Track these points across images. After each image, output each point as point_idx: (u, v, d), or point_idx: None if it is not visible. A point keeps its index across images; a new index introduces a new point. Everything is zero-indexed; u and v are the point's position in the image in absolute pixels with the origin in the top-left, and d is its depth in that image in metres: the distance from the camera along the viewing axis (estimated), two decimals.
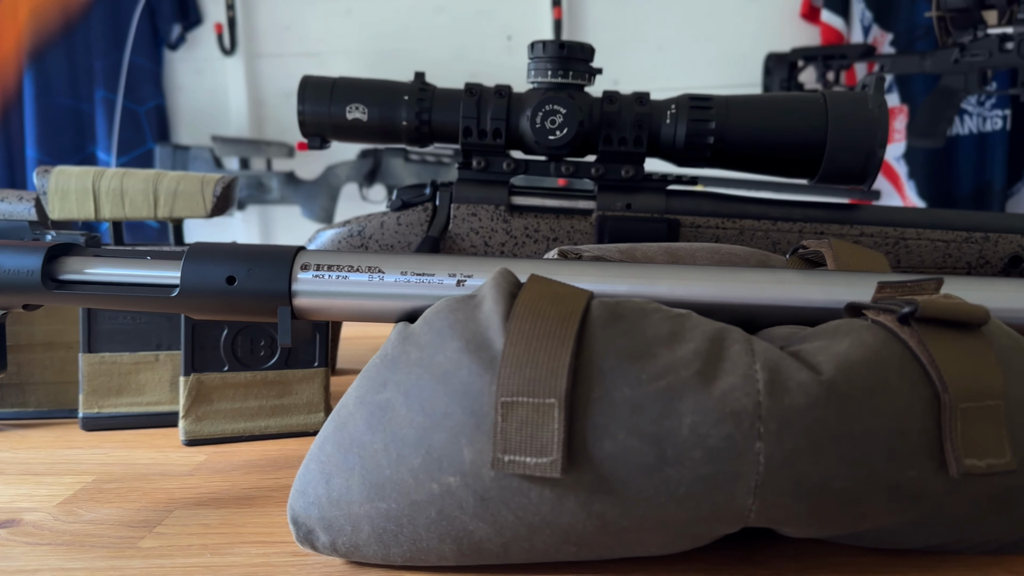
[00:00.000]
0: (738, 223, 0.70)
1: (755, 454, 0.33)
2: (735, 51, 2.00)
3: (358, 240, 0.72)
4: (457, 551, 0.36)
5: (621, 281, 0.43)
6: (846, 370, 0.34)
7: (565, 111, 0.66)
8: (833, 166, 0.67)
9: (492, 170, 0.71)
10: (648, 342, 0.35)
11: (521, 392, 0.34)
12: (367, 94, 0.71)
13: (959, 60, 1.57)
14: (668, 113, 0.69)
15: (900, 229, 0.70)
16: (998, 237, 0.69)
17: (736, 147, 0.68)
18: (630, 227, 0.70)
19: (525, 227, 0.71)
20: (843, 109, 0.67)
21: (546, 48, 0.68)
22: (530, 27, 2.02)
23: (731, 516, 0.34)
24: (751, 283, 0.43)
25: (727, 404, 0.33)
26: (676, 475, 0.33)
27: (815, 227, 0.70)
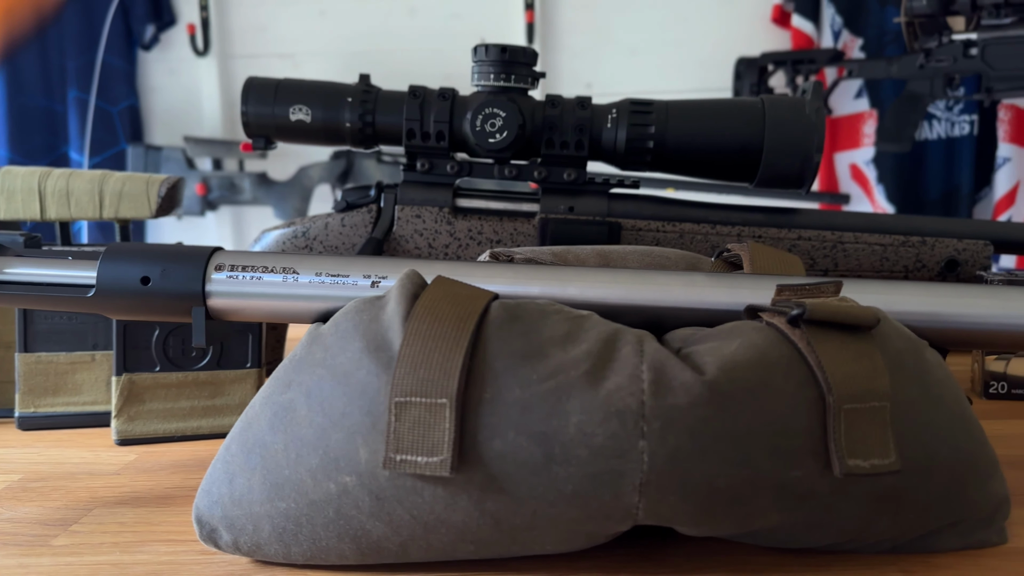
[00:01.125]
0: (678, 226, 0.71)
1: (639, 453, 0.33)
2: (707, 55, 2.01)
3: (303, 241, 0.73)
4: (356, 550, 0.37)
5: (533, 283, 0.43)
6: (729, 370, 0.34)
7: (505, 114, 0.67)
8: (771, 170, 0.68)
9: (436, 172, 0.71)
10: (543, 343, 0.36)
11: (414, 392, 0.34)
12: (310, 96, 0.71)
13: (924, 65, 1.58)
14: (609, 117, 0.69)
15: (838, 233, 0.70)
16: (935, 241, 0.70)
17: (675, 151, 0.69)
18: (572, 230, 0.70)
19: (469, 229, 0.71)
20: (780, 114, 0.67)
21: (488, 52, 0.69)
22: (504, 30, 2.03)
23: (620, 513, 0.34)
24: (659, 286, 0.43)
25: (612, 404, 0.34)
26: (564, 473, 0.34)
27: (754, 230, 0.71)
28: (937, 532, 0.38)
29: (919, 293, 0.43)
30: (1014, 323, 0.42)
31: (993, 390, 0.63)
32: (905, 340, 0.38)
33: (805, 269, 0.71)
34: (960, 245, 0.69)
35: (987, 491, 0.39)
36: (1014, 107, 1.79)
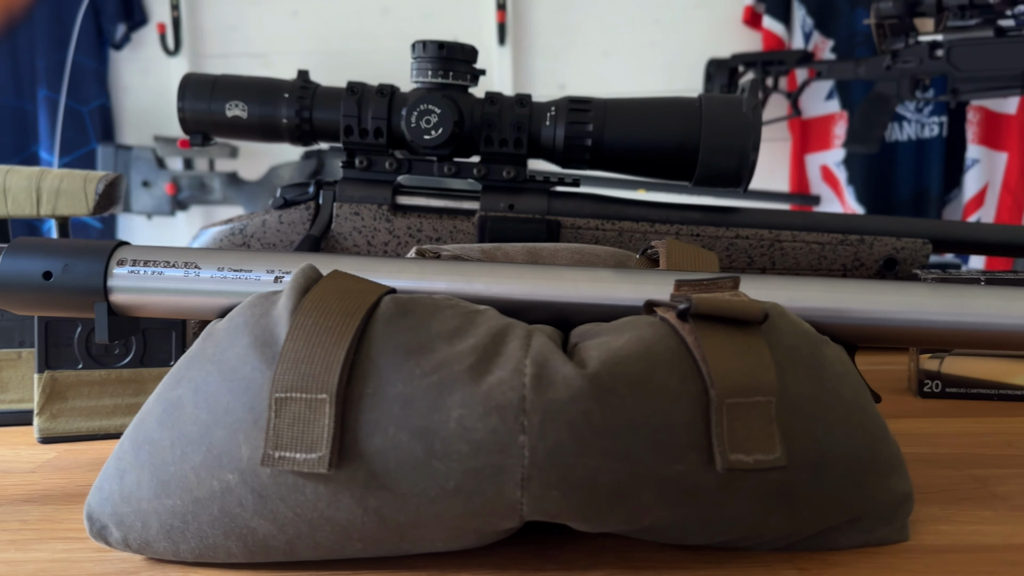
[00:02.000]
0: (617, 225, 0.71)
1: (520, 447, 0.33)
2: (679, 56, 2.01)
3: (240, 239, 0.72)
4: (244, 548, 0.36)
5: (440, 279, 0.43)
6: (612, 365, 0.34)
7: (439, 111, 0.66)
8: (708, 169, 0.67)
9: (375, 169, 0.71)
10: (430, 337, 0.35)
11: (294, 388, 0.34)
12: (247, 92, 0.70)
13: (891, 67, 1.58)
14: (548, 115, 0.69)
15: (775, 232, 0.70)
16: (873, 240, 0.69)
17: (613, 150, 0.69)
18: (511, 228, 0.70)
19: (408, 227, 0.71)
20: (717, 112, 0.67)
21: (426, 48, 0.68)
22: (476, 30, 2.03)
23: (504, 509, 0.34)
24: (566, 282, 0.43)
25: (493, 398, 0.33)
26: (444, 469, 0.33)
27: (692, 229, 0.70)
28: (835, 529, 0.38)
29: (823, 289, 0.42)
30: (919, 319, 0.42)
31: (928, 389, 0.63)
32: (801, 336, 0.38)
33: (744, 267, 0.71)
34: (899, 244, 0.69)
35: (887, 488, 0.39)
36: (983, 109, 1.80)
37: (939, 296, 0.42)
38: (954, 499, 0.44)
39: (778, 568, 0.37)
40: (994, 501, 0.44)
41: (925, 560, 0.37)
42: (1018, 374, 0.61)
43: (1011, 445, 0.52)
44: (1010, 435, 0.54)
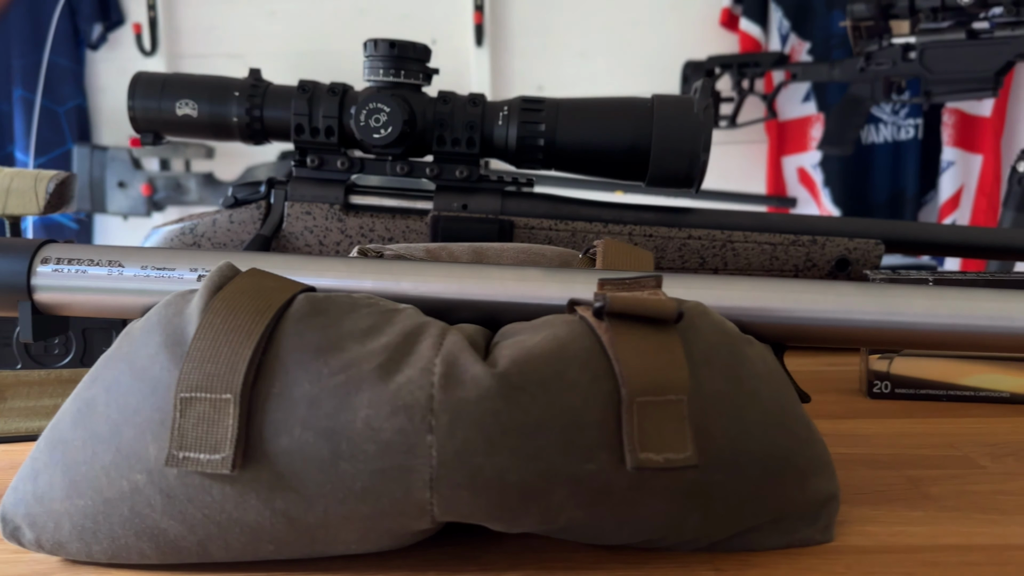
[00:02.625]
0: (570, 225, 0.70)
1: (427, 447, 0.33)
2: (657, 58, 2.01)
3: (190, 238, 0.72)
4: (156, 549, 0.36)
5: (367, 277, 0.43)
6: (523, 363, 0.34)
7: (389, 110, 0.66)
8: (659, 169, 0.67)
9: (327, 168, 0.70)
10: (341, 336, 0.35)
11: (200, 388, 0.33)
12: (197, 90, 0.70)
13: (865, 69, 1.59)
14: (501, 115, 0.69)
15: (728, 232, 0.70)
16: (825, 240, 0.69)
17: (566, 149, 0.68)
18: (463, 227, 0.69)
19: (360, 226, 0.70)
20: (668, 113, 0.67)
21: (377, 47, 0.68)
22: (454, 31, 2.02)
23: (414, 510, 0.34)
24: (494, 280, 0.43)
25: (400, 397, 0.33)
26: (351, 469, 0.33)
27: (645, 229, 0.70)
28: (757, 530, 0.38)
29: (748, 289, 0.42)
30: (845, 318, 0.42)
31: (877, 389, 0.63)
32: (721, 334, 0.38)
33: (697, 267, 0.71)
34: (851, 244, 0.69)
35: (809, 488, 0.38)
36: (958, 111, 1.81)
37: (866, 296, 0.42)
38: (885, 500, 0.44)
39: (696, 568, 0.37)
40: (925, 502, 0.44)
41: (846, 561, 0.37)
42: (968, 375, 0.61)
43: (952, 446, 0.52)
44: (952, 436, 0.54)
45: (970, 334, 0.41)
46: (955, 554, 0.38)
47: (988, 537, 0.39)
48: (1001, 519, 0.41)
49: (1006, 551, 0.38)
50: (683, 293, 0.42)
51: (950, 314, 0.41)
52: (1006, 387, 0.61)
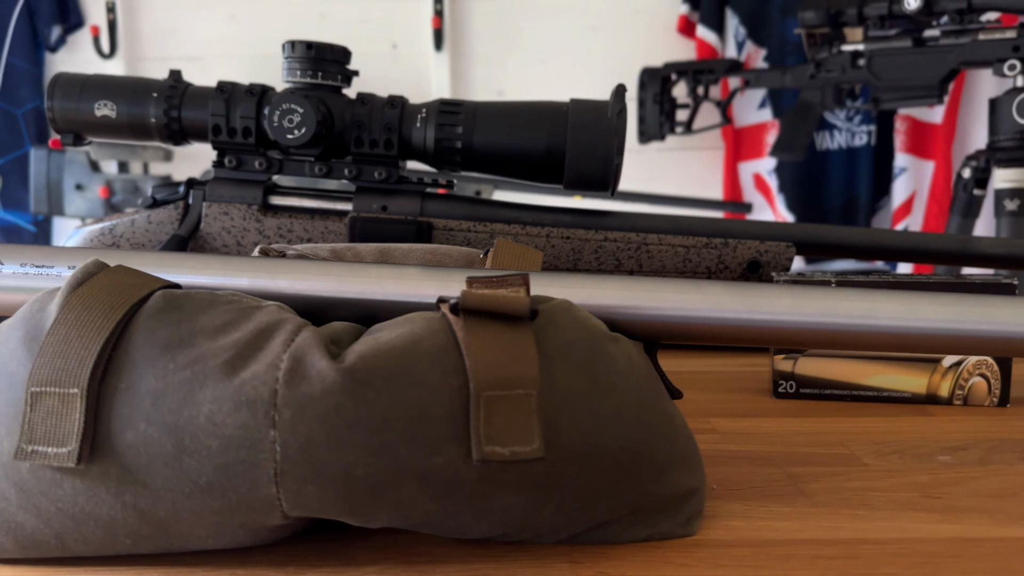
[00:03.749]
0: (489, 227, 0.71)
1: (271, 442, 0.33)
2: (616, 64, 2.02)
3: (109, 238, 0.72)
4: (15, 543, 0.36)
5: (243, 275, 0.43)
6: (371, 359, 0.34)
7: (302, 111, 0.66)
8: (575, 172, 0.68)
9: (245, 169, 0.71)
10: (193, 333, 0.35)
11: (49, 382, 0.34)
12: (116, 91, 0.70)
13: (815, 76, 1.60)
14: (419, 117, 0.69)
15: (643, 235, 0.71)
16: (737, 243, 0.70)
17: (483, 152, 0.69)
18: (381, 229, 0.70)
19: (278, 227, 0.71)
20: (583, 118, 0.68)
21: (295, 49, 0.69)
22: (414, 36, 2.03)
23: (262, 505, 0.34)
24: (371, 279, 0.43)
25: (243, 393, 0.33)
26: (196, 464, 0.33)
27: (562, 231, 0.71)
28: (616, 522, 0.38)
29: (620, 287, 0.43)
30: (712, 316, 0.42)
31: (782, 389, 0.64)
32: (582, 332, 0.38)
33: (612, 269, 0.71)
34: (762, 247, 0.70)
35: (668, 482, 0.39)
36: (910, 118, 1.83)
37: (732, 295, 0.42)
38: (760, 495, 0.45)
39: (552, 560, 0.37)
40: (798, 498, 0.44)
41: (700, 554, 0.38)
42: (870, 375, 0.62)
43: (841, 444, 0.53)
44: (845, 435, 0.55)
45: (831, 331, 0.42)
46: (810, 548, 0.38)
47: (848, 532, 0.40)
48: (866, 515, 0.42)
49: (860, 545, 0.39)
50: (556, 291, 0.42)
51: (813, 312, 0.42)
52: (908, 387, 0.62)
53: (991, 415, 0.59)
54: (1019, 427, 0.56)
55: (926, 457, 0.51)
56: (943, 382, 0.61)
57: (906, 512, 0.42)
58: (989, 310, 0.42)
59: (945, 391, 0.61)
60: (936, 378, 0.61)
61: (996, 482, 0.46)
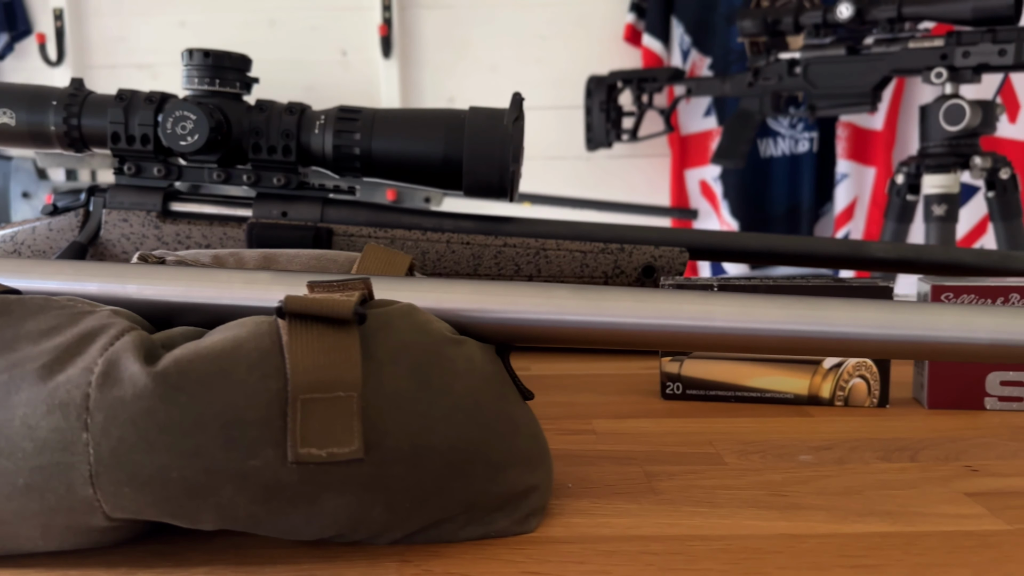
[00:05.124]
0: (390, 232, 0.72)
1: (84, 445, 0.33)
2: (565, 72, 2.04)
3: (11, 245, 0.72)
4: None
5: (93, 280, 0.43)
6: (185, 363, 0.35)
7: (195, 117, 0.67)
8: (473, 179, 0.69)
9: (144, 176, 0.71)
10: (18, 337, 0.36)
11: None
12: (14, 99, 0.70)
13: (753, 83, 1.63)
14: (318, 124, 0.70)
15: (541, 240, 0.72)
16: (632, 248, 0.71)
17: (382, 159, 0.70)
18: (280, 235, 0.70)
19: (177, 233, 0.71)
20: (479, 125, 0.69)
21: (192, 57, 0.69)
22: (364, 43, 2.04)
23: (83, 507, 0.34)
24: (219, 284, 0.44)
25: (57, 396, 0.34)
26: (12, 467, 0.34)
27: (462, 237, 0.72)
28: (449, 521, 0.39)
29: (469, 291, 0.43)
30: (557, 319, 0.43)
31: (670, 391, 0.65)
32: (420, 335, 0.39)
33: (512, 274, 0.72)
34: (657, 252, 0.71)
35: (503, 481, 0.40)
36: (851, 125, 1.86)
37: (578, 298, 0.43)
38: (611, 493, 0.46)
39: (383, 560, 0.38)
40: (647, 496, 0.45)
41: (529, 551, 0.39)
42: (753, 377, 0.63)
43: (709, 444, 0.54)
44: (716, 435, 0.56)
45: (669, 333, 0.43)
46: (639, 544, 0.39)
47: (682, 528, 0.41)
48: (707, 512, 0.43)
49: (689, 541, 0.40)
50: (406, 295, 0.43)
51: (652, 315, 0.43)
52: (790, 389, 0.63)
53: (867, 416, 0.60)
54: (889, 427, 0.57)
55: (788, 456, 0.52)
56: (824, 384, 0.63)
57: (747, 510, 0.43)
58: (824, 312, 0.43)
59: (826, 392, 0.63)
60: (817, 380, 0.63)
61: (846, 480, 0.48)
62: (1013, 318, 0.43)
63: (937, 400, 0.61)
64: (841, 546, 0.39)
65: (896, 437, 0.55)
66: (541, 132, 2.07)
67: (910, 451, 0.52)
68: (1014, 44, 1.31)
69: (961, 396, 0.61)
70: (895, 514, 0.42)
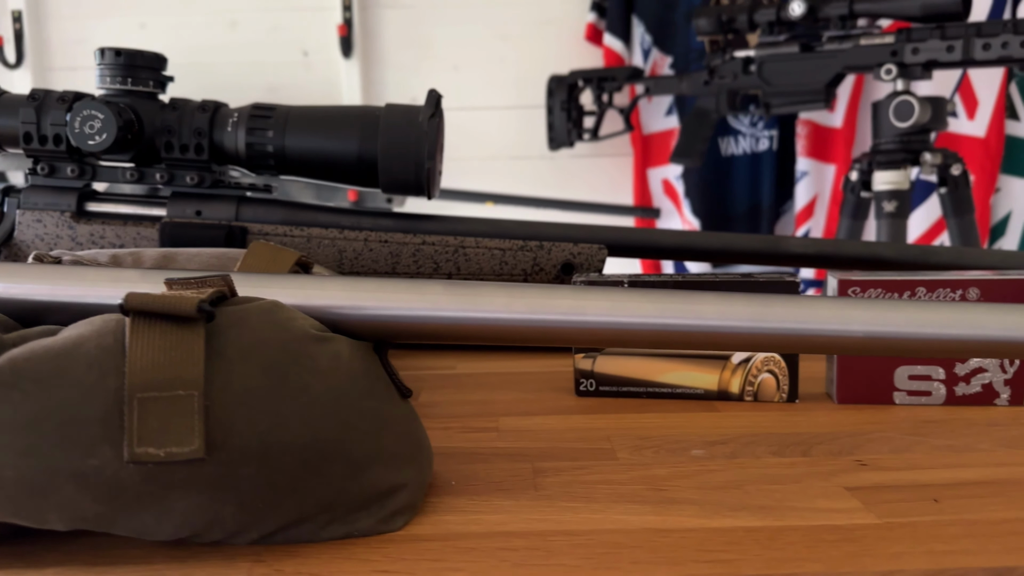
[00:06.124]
0: (306, 231, 0.71)
1: None
2: (527, 71, 2.04)
3: None
4: None
5: None
6: (20, 361, 0.34)
7: (103, 116, 0.66)
8: (388, 176, 0.69)
9: (58, 176, 0.70)
10: None
11: None
12: None
13: (709, 82, 1.63)
14: (230, 122, 0.69)
15: (460, 238, 0.71)
16: (551, 245, 0.71)
17: (296, 157, 0.69)
18: (192, 234, 0.70)
19: (91, 233, 0.70)
20: (394, 122, 0.68)
21: (104, 56, 0.68)
22: (326, 43, 2.03)
23: None
24: (86, 283, 0.43)
25: None
26: None
27: (381, 235, 0.71)
28: (309, 521, 0.38)
29: (342, 288, 0.43)
30: (431, 315, 0.43)
31: (583, 387, 0.64)
32: (278, 332, 0.39)
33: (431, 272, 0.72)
34: (576, 249, 0.71)
35: (365, 480, 0.39)
36: (811, 123, 1.86)
37: (450, 294, 0.43)
38: (493, 490, 0.45)
39: (238, 560, 0.37)
40: (527, 492, 0.45)
41: (388, 550, 0.38)
42: (664, 372, 0.63)
43: (607, 440, 0.54)
44: (618, 430, 0.56)
45: (541, 328, 0.43)
46: (502, 540, 0.39)
47: (550, 524, 0.41)
48: (581, 507, 0.43)
49: (552, 536, 0.39)
50: (275, 292, 0.43)
51: (525, 310, 0.43)
52: (700, 384, 0.63)
53: (773, 410, 0.60)
54: (792, 422, 0.57)
55: (681, 451, 0.51)
56: (733, 379, 0.63)
57: (621, 504, 0.43)
58: (693, 307, 0.43)
59: (736, 388, 0.63)
60: (726, 375, 0.63)
61: (731, 475, 0.47)
62: (887, 311, 0.43)
63: (846, 395, 0.61)
64: (703, 540, 0.39)
65: (795, 432, 0.55)
66: (504, 132, 2.07)
67: (804, 446, 0.52)
68: (962, 40, 1.31)
69: (870, 391, 0.61)
70: (768, 508, 0.42)
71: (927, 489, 0.44)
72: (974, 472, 0.47)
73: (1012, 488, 0.44)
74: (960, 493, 0.44)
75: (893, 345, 0.43)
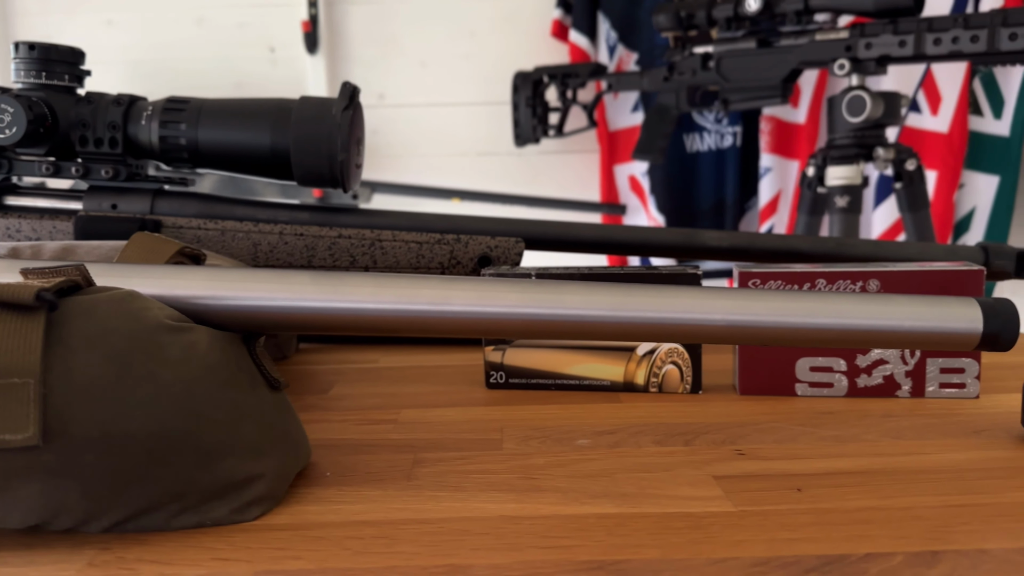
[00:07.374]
0: (220, 224, 0.71)
1: None
2: (494, 67, 2.04)
3: None
4: None
5: None
6: None
7: (12, 110, 0.66)
8: (302, 169, 0.69)
9: None
10: None
11: None
12: None
13: (668, 78, 1.63)
14: (145, 115, 0.69)
15: (376, 232, 0.71)
16: (469, 239, 0.71)
17: (210, 150, 0.69)
18: (106, 228, 0.70)
19: (7, 227, 0.70)
20: (307, 115, 0.68)
21: (18, 50, 0.68)
22: (291, 39, 2.03)
23: None
24: None
25: None
26: None
27: (296, 229, 0.71)
28: (159, 509, 0.38)
29: (204, 278, 0.43)
30: (295, 306, 0.43)
31: (493, 379, 0.64)
32: (127, 321, 0.38)
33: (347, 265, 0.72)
34: (493, 242, 0.71)
35: (218, 470, 0.39)
36: (774, 119, 1.86)
37: (316, 284, 0.43)
38: (367, 481, 0.45)
39: (85, 547, 0.38)
40: (399, 482, 0.45)
41: (236, 539, 0.38)
42: (572, 364, 0.63)
43: (499, 431, 0.54)
44: (513, 421, 0.56)
45: (407, 317, 0.43)
46: (352, 529, 0.39)
47: (407, 513, 0.41)
48: (446, 496, 0.43)
49: (400, 526, 0.39)
50: (136, 283, 0.43)
51: (390, 299, 0.43)
52: (607, 376, 0.63)
53: (674, 401, 0.60)
54: (687, 412, 0.57)
55: (567, 441, 0.52)
56: (639, 370, 0.63)
57: (486, 493, 0.43)
58: (558, 296, 0.43)
59: (641, 379, 0.63)
60: (632, 366, 0.63)
61: (606, 464, 0.47)
62: (747, 300, 0.43)
63: (748, 386, 0.62)
64: (551, 527, 0.39)
65: (685, 422, 0.55)
66: (471, 128, 2.07)
67: (689, 435, 0.52)
68: (913, 35, 1.32)
69: (772, 382, 0.61)
70: (629, 496, 0.42)
71: (794, 479, 0.45)
72: (849, 462, 0.47)
73: (880, 478, 0.45)
74: (826, 483, 0.44)
75: (756, 334, 0.43)
